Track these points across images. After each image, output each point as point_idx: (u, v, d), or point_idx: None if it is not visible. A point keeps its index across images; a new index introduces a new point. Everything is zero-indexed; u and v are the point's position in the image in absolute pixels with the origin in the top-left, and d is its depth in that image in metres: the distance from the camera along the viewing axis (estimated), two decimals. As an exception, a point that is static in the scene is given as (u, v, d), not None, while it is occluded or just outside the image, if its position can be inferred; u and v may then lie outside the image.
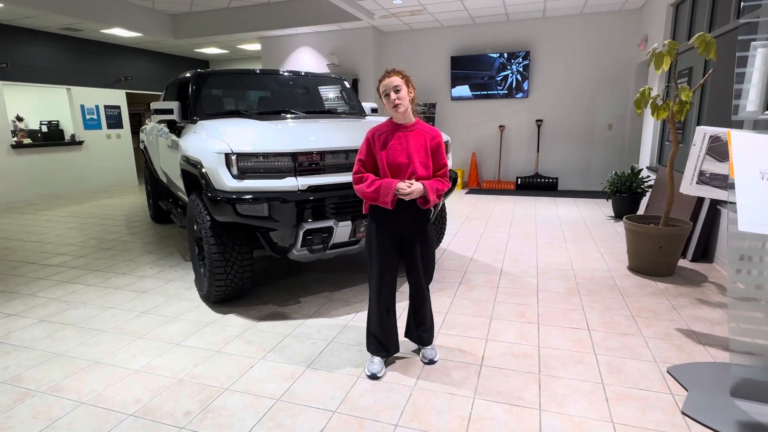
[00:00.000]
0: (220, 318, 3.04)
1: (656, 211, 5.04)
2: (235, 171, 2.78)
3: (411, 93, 2.18)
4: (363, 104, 4.71)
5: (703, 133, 2.22)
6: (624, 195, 5.62)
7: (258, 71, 4.18)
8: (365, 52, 8.51)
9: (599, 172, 7.98)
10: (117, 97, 9.57)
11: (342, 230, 3.03)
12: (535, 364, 2.39)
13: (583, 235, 5.03)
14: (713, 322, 2.84)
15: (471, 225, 5.59)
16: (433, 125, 8.43)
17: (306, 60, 8.91)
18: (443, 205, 4.07)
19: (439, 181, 2.22)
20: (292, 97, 4.44)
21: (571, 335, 2.70)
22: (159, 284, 3.70)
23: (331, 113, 4.19)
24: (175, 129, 3.85)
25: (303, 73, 4.44)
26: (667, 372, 2.28)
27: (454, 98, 8.52)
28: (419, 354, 2.51)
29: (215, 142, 2.85)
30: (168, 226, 5.81)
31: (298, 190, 2.85)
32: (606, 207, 6.49)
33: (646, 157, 6.47)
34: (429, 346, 2.48)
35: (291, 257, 3.06)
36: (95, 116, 9.06)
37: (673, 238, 3.54)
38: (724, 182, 2.21)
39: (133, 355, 2.57)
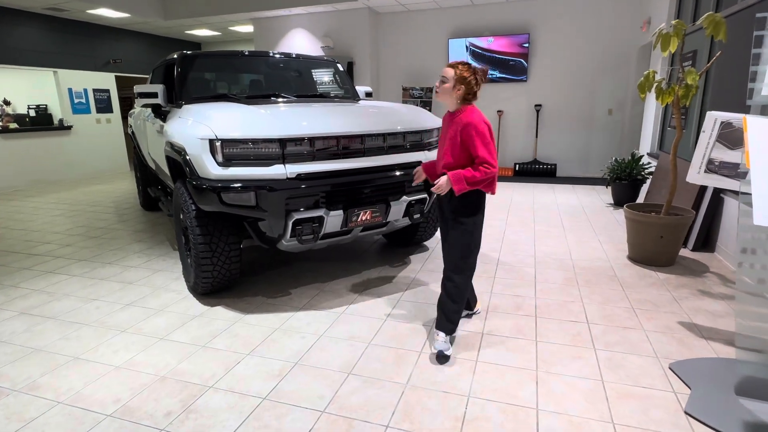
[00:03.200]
0: (207, 311, 2.94)
1: (657, 198, 4.94)
2: (220, 158, 2.65)
3: (458, 90, 2.23)
4: (357, 88, 4.55)
5: (714, 119, 2.10)
6: (624, 182, 5.51)
7: (247, 53, 4.01)
8: (360, 34, 8.28)
9: (598, 159, 7.86)
10: (106, 80, 9.33)
11: (333, 220, 2.91)
12: (532, 360, 2.30)
13: (581, 223, 4.93)
14: (715, 314, 2.76)
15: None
16: (430, 110, 8.25)
17: (299, 42, 8.68)
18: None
19: (468, 169, 2.18)
20: (283, 80, 4.27)
21: (569, 329, 2.61)
22: (146, 275, 3.59)
23: (323, 97, 4.03)
24: (161, 113, 3.70)
25: (294, 56, 4.27)
26: (669, 368, 2.20)
27: (451, 82, 8.32)
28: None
29: (199, 127, 2.71)
30: (158, 214, 5.68)
31: (287, 178, 2.72)
32: (605, 194, 6.39)
33: (646, 143, 6.35)
34: (438, 335, 2.33)
35: (280, 248, 2.95)
36: (84, 100, 8.84)
37: (674, 228, 3.44)
38: (735, 171, 2.10)
39: (115, 351, 2.47)
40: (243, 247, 3.98)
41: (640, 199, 5.64)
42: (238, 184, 2.63)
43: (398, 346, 2.45)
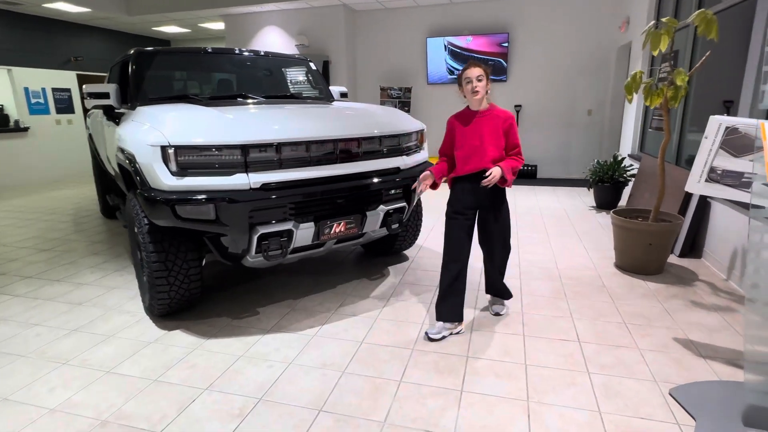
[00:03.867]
0: (164, 336, 2.64)
1: (640, 202, 4.84)
2: (173, 167, 2.36)
3: (488, 85, 2.46)
4: (332, 88, 4.30)
5: (718, 124, 1.94)
6: (606, 184, 5.40)
7: (210, 50, 3.71)
8: (336, 32, 8.01)
9: (579, 160, 7.78)
10: (67, 79, 8.81)
11: (304, 233, 2.66)
12: (522, 388, 2.09)
13: (565, 228, 4.79)
14: (711, 329, 2.61)
15: (449, 217, 5.27)
16: (409, 111, 8.05)
17: (273, 40, 8.35)
18: (419, 200, 3.73)
19: (513, 159, 2.50)
20: (252, 79, 3.99)
21: (560, 349, 2.42)
22: (98, 293, 3.26)
23: (294, 98, 3.76)
24: (114, 116, 3.37)
25: (263, 53, 3.98)
26: (670, 394, 2.02)
27: (431, 82, 8.14)
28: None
29: (150, 132, 2.41)
30: (119, 222, 5.31)
31: (251, 189, 2.45)
32: (587, 196, 6.29)
33: (627, 145, 6.27)
34: (504, 304, 2.87)
35: (246, 264, 2.68)
36: (42, 100, 8.31)
37: (663, 235, 3.30)
38: (739, 180, 1.94)
39: (51, 389, 2.16)
40: (207, 261, 3.69)
41: (623, 202, 5.54)
42: (195, 196, 2.35)
43: (375, 375, 2.22)
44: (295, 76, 4.29)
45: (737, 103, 3.84)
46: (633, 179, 5.36)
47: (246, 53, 3.92)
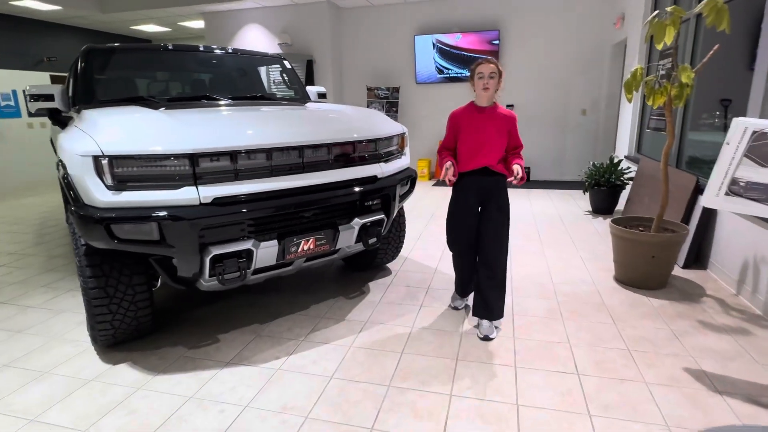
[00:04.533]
0: (107, 371, 2.32)
1: (639, 207, 4.56)
2: (109, 180, 2.03)
3: (500, 83, 2.47)
4: (310, 88, 3.99)
5: (743, 128, 1.65)
6: (603, 188, 5.13)
7: (171, 47, 3.38)
8: (321, 30, 7.69)
9: (573, 161, 7.52)
10: (40, 80, 8.42)
11: (266, 252, 2.34)
12: (513, 438, 1.79)
13: (560, 235, 4.50)
14: (724, 356, 2.32)
15: (437, 225, 4.98)
16: (397, 112, 7.76)
17: (255, 39, 8.02)
18: (401, 209, 3.43)
19: (520, 157, 2.56)
20: (219, 79, 3.67)
21: (557, 384, 2.12)
22: (44, 318, 2.93)
23: (265, 99, 3.44)
24: (62, 121, 3.04)
25: (232, 51, 3.66)
26: (685, 444, 1.73)
27: (419, 82, 7.83)
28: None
29: (81, 140, 2.09)
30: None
31: (201, 204, 2.13)
32: (582, 200, 6.01)
33: (623, 146, 6.00)
34: (488, 324, 2.59)
35: (200, 288, 2.36)
36: (12, 102, 7.93)
37: (667, 246, 3.02)
38: (767, 194, 1.65)
39: (-41, 444, 1.84)
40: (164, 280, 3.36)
41: (620, 206, 5.27)
42: (135, 214, 2.03)
43: (343, 421, 1.91)
44: (269, 75, 3.97)
45: (740, 102, 3.57)
46: (630, 182, 5.09)
47: (213, 51, 3.60)
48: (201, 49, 3.51)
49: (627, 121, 5.89)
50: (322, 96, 4.04)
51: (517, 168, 2.43)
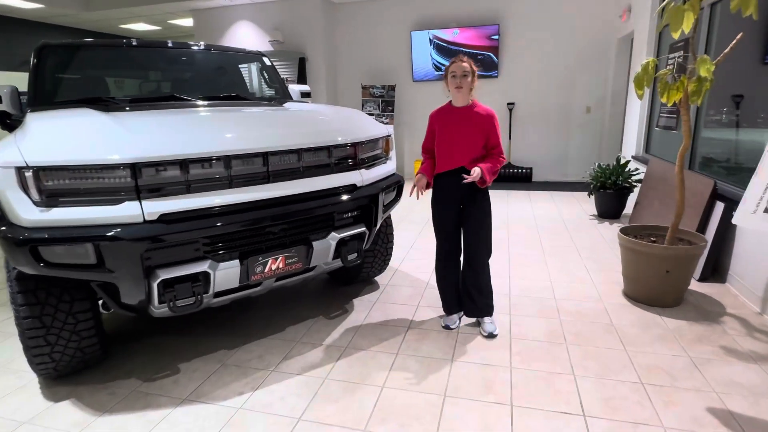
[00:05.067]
0: (47, 410, 2.03)
1: (648, 211, 4.24)
2: (35, 194, 1.75)
3: (474, 82, 2.40)
4: (293, 87, 3.70)
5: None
6: (609, 191, 4.81)
7: (135, 43, 3.09)
8: (314, 26, 7.40)
9: (577, 162, 7.19)
10: (24, 81, 8.15)
11: (225, 274, 2.06)
12: (506, 503, 1.49)
13: (563, 242, 4.19)
14: (754, 391, 2.01)
15: (431, 232, 4.64)
16: (393, 111, 7.46)
17: (245, 36, 7.73)
18: (388, 218, 3.13)
19: (494, 159, 2.46)
20: (191, 78, 3.38)
21: (560, 429, 1.82)
22: (-8, 343, 2.66)
23: (240, 99, 3.14)
24: (8, 125, 2.77)
25: (206, 47, 3.37)
26: None
27: (416, 79, 7.53)
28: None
29: (7, 148, 1.81)
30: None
31: (145, 221, 1.84)
32: (587, 203, 5.69)
33: (631, 145, 5.68)
34: (485, 320, 2.62)
35: (153, 315, 2.07)
36: (-4, 105, 7.66)
37: (683, 260, 2.71)
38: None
39: None
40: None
41: (628, 210, 4.95)
42: (67, 234, 1.75)
43: (306, 479, 1.62)
44: (247, 73, 3.69)
45: (753, 97, 3.25)
46: (639, 185, 4.77)
47: (184, 48, 3.31)
48: (170, 45, 3.23)
49: (634, 119, 5.56)
50: (305, 95, 3.75)
51: (476, 170, 2.32)
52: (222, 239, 2.03)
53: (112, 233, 1.77)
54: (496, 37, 6.96)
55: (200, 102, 2.75)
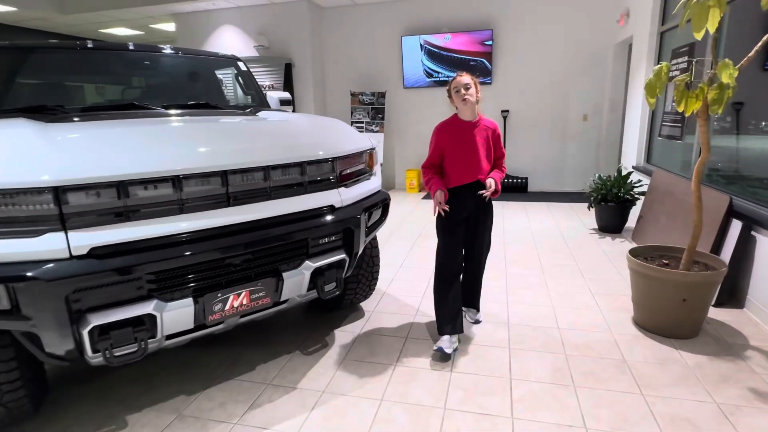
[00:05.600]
0: (-43, 482, 1.69)
1: (654, 226, 3.98)
2: (-68, 226, 1.43)
3: (478, 93, 2.39)
4: (271, 94, 3.41)
5: None
6: (610, 204, 4.54)
7: (90, 45, 2.78)
8: (301, 31, 7.12)
9: (574, 171, 6.94)
10: (-2, 88, 7.78)
11: (176, 315, 1.74)
12: None
13: (564, 260, 3.90)
14: (798, 450, 1.72)
15: (424, 248, 4.37)
16: (383, 119, 7.19)
17: (229, 41, 7.43)
18: (373, 240, 2.82)
19: (500, 170, 2.50)
20: (157, 84, 3.07)
21: (573, 505, 1.51)
22: None
23: (209, 107, 2.82)
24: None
25: (173, 50, 3.06)
26: None
27: (407, 86, 7.26)
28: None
29: None
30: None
31: (71, 256, 1.52)
32: (586, 215, 5.42)
33: (631, 155, 5.43)
34: (471, 312, 2.82)
35: (90, 364, 1.74)
36: (-35, 112, 7.28)
37: (702, 288, 2.43)
38: None
39: None
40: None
41: (630, 223, 4.68)
42: (-30, 274, 1.42)
43: None
44: (220, 78, 3.38)
45: (754, 105, 3.01)
46: (642, 197, 4.51)
47: (149, 50, 3.00)
48: (131, 48, 2.91)
49: (634, 128, 5.32)
50: (285, 103, 3.45)
51: (490, 182, 2.36)
52: (171, 275, 1.71)
53: (29, 273, 1.44)
54: (490, 42, 6.72)
55: (161, 111, 2.43)
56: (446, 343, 2.41)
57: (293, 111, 6.98)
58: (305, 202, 2.04)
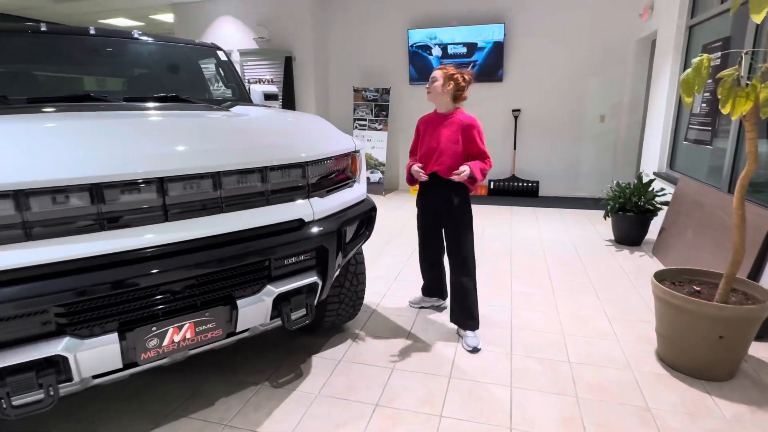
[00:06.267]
0: None
1: (678, 240, 3.57)
2: None
3: (448, 87, 2.41)
4: (255, 87, 3.09)
5: None
6: (629, 214, 4.14)
7: (44, 28, 2.46)
8: (302, 23, 6.79)
9: (588, 175, 6.52)
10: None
11: (97, 354, 1.41)
12: None
13: (576, 276, 3.52)
14: None
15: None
16: (387, 116, 6.84)
17: (228, 33, 7.13)
18: (361, 255, 2.48)
19: (478, 162, 2.41)
20: (119, 74, 2.76)
21: None
22: None
23: (178, 101, 2.50)
24: None
25: (140, 36, 2.74)
26: None
27: (413, 82, 6.89)
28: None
29: None
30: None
31: (-52, 287, 1.20)
32: (601, 224, 5.02)
33: (652, 160, 5.01)
34: (467, 334, 2.54)
35: (-6, 410, 1.43)
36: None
37: (743, 324, 2.04)
38: None
39: None
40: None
41: (650, 236, 4.28)
42: None
43: None
44: (196, 69, 3.06)
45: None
46: (665, 207, 4.10)
47: (112, 36, 2.69)
48: (92, 32, 2.59)
49: (657, 130, 4.89)
50: (270, 97, 3.12)
51: (462, 167, 2.35)
52: (89, 306, 1.38)
53: None
54: (502, 37, 6.31)
55: (117, 104, 2.11)
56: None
57: (281, 107, 6.64)
58: (267, 216, 1.70)
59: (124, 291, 1.41)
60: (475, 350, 2.44)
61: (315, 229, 1.82)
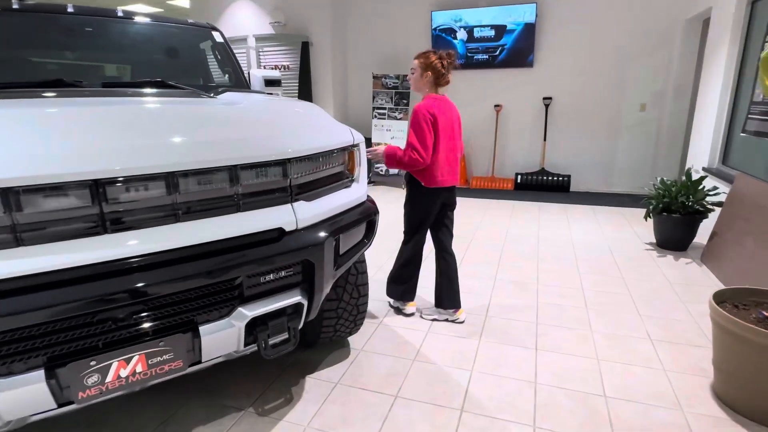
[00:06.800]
0: None
1: (733, 248, 3.11)
2: None
3: (426, 77, 2.44)
4: (257, 72, 2.81)
5: None
6: (675, 215, 3.67)
7: (17, 5, 2.22)
8: (320, 7, 6.46)
9: (625, 170, 6.00)
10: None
11: (21, 395, 1.15)
12: None
13: (613, 287, 3.12)
14: None
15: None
16: (408, 104, 6.48)
17: (245, 17, 6.87)
18: (363, 264, 2.16)
19: (398, 147, 2.44)
20: (101, 56, 2.50)
21: None
22: None
23: (164, 87, 2.22)
24: None
25: (124, 15, 2.48)
26: None
27: (436, 68, 6.47)
28: None
29: None
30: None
31: None
32: (639, 224, 4.55)
33: (701, 154, 4.48)
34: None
35: None
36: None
37: (832, 364, 1.63)
38: None
39: None
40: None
41: (699, 239, 3.81)
42: None
43: None
44: (189, 52, 2.78)
45: None
46: (717, 208, 3.62)
47: (95, 15, 2.43)
48: (70, 10, 2.34)
49: (709, 121, 4.36)
50: (272, 83, 2.83)
51: (378, 146, 2.48)
52: (6, 338, 1.12)
53: None
54: (533, 19, 5.82)
55: (87, 90, 1.85)
56: (409, 306, 2.74)
57: (298, 96, 6.33)
58: (237, 226, 1.40)
59: (50, 321, 1.14)
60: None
61: (299, 240, 1.51)
